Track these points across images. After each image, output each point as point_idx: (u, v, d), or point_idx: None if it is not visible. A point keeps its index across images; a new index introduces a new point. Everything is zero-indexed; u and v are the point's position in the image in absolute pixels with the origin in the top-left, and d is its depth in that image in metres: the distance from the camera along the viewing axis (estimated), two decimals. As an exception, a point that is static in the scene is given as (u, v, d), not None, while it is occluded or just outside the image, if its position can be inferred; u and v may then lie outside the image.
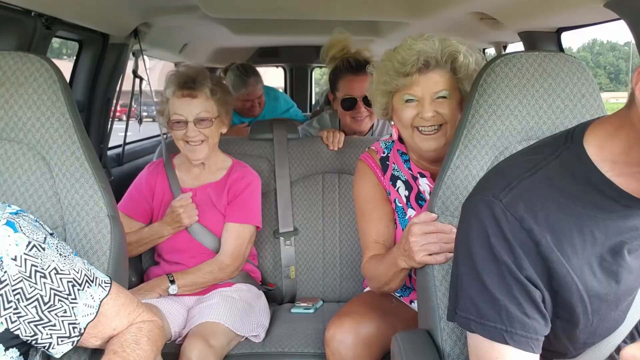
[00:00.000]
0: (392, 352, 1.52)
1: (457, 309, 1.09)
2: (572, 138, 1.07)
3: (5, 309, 1.14)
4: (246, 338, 2.10)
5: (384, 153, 1.92)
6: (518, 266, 1.00)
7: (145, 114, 4.07)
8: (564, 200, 1.03)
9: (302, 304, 2.43)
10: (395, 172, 1.87)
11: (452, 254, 1.33)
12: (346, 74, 2.64)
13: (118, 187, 1.75)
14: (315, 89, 6.83)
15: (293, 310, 2.40)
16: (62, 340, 1.21)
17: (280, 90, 4.92)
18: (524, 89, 1.46)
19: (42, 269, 1.18)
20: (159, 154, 2.62)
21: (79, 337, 1.23)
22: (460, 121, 1.51)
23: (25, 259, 1.16)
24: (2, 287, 1.13)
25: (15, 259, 1.14)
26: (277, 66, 6.41)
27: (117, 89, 3.27)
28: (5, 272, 1.13)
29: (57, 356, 1.23)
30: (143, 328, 1.31)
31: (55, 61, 1.58)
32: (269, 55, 5.72)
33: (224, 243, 2.24)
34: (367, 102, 2.57)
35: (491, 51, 3.65)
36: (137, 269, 2.40)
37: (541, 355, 1.06)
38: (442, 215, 1.48)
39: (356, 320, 1.79)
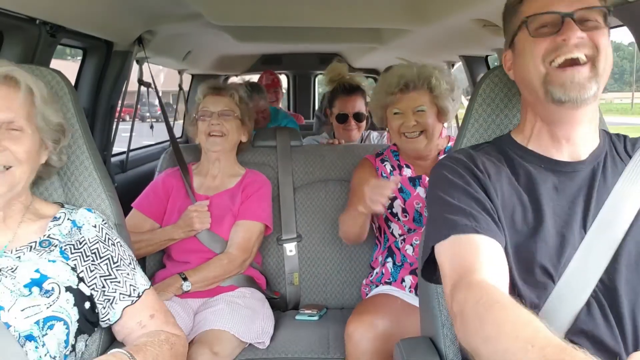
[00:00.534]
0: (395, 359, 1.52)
1: (434, 242, 1.24)
2: (504, 133, 1.45)
3: (85, 261, 1.42)
4: (250, 344, 2.10)
5: (380, 152, 2.43)
6: (472, 188, 1.26)
7: (147, 113, 4.14)
8: (498, 164, 1.32)
9: (306, 311, 2.44)
10: (385, 159, 2.38)
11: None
12: (341, 95, 3.25)
13: (122, 194, 1.77)
14: (318, 90, 6.86)
15: (297, 317, 2.40)
16: (123, 297, 1.45)
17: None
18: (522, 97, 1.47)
19: (112, 238, 1.49)
20: (163, 161, 2.63)
21: (137, 299, 1.46)
22: (461, 129, 1.54)
23: (102, 228, 1.48)
24: (82, 246, 1.43)
25: (95, 227, 1.47)
26: (280, 73, 6.44)
27: (121, 96, 3.29)
28: (83, 236, 1.45)
29: (117, 314, 1.44)
30: (170, 339, 1.43)
31: (60, 62, 1.61)
32: (272, 63, 5.74)
33: (232, 237, 2.30)
34: (356, 117, 3.22)
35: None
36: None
37: None
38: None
39: (374, 317, 1.95)
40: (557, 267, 1.21)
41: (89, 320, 1.42)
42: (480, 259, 1.14)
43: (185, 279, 2.18)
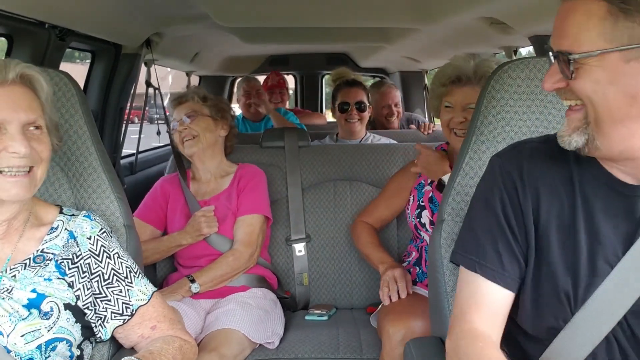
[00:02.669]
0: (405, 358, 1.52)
1: (456, 249, 1.28)
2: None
3: (82, 278, 1.39)
4: (260, 345, 2.10)
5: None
6: (504, 212, 1.18)
7: (156, 116, 4.19)
8: (552, 173, 1.16)
9: (316, 311, 2.43)
10: None
11: None
12: (343, 87, 3.43)
13: (131, 196, 1.78)
14: (325, 90, 6.86)
15: (307, 318, 2.40)
16: (114, 316, 1.41)
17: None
18: (532, 94, 1.46)
19: (109, 250, 1.43)
20: (172, 163, 2.65)
21: (129, 317, 1.42)
22: (469, 127, 1.51)
23: (97, 240, 1.43)
24: (79, 260, 1.40)
25: (90, 239, 1.42)
26: (287, 74, 6.44)
27: (130, 98, 3.31)
28: (79, 248, 1.41)
29: (109, 333, 1.42)
30: (183, 347, 1.42)
31: (68, 65, 1.61)
32: (280, 63, 5.74)
33: (236, 234, 2.30)
34: (358, 107, 3.33)
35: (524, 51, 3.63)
36: (151, 279, 2.41)
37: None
38: (452, 221, 1.48)
39: (412, 319, 1.91)
40: (578, 297, 1.12)
41: (92, 331, 1.41)
42: (472, 306, 1.18)
43: (193, 280, 2.18)
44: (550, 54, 1.04)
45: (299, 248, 2.60)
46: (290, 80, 6.60)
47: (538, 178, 1.17)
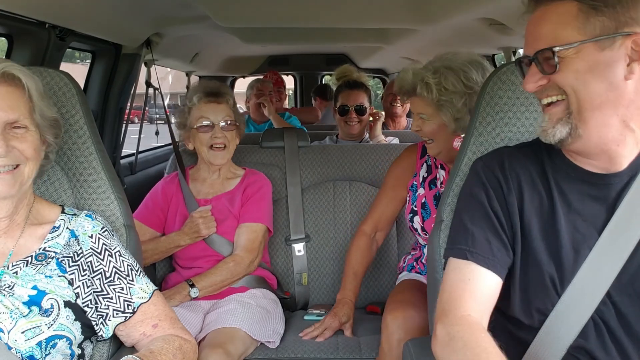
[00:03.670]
0: (404, 359, 1.52)
1: (446, 247, 1.32)
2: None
3: (82, 276, 1.40)
4: (261, 344, 2.11)
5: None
6: (490, 204, 1.25)
7: (156, 116, 4.19)
8: (529, 169, 1.26)
9: (315, 311, 2.44)
10: (427, 158, 2.21)
11: None
12: (344, 90, 3.44)
13: (131, 196, 1.78)
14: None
15: (306, 317, 2.40)
16: (116, 313, 1.42)
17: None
18: (530, 96, 1.46)
19: (110, 248, 1.45)
20: (172, 163, 2.65)
21: (131, 315, 1.43)
22: (468, 128, 1.52)
23: (99, 238, 1.45)
24: (79, 259, 1.41)
25: (91, 237, 1.44)
26: (287, 74, 6.45)
27: (130, 98, 3.31)
28: (80, 247, 1.42)
29: (111, 330, 1.43)
30: (184, 347, 1.43)
31: (68, 65, 1.62)
32: (279, 64, 5.75)
33: (237, 240, 2.29)
34: (357, 110, 3.36)
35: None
36: (151, 278, 2.41)
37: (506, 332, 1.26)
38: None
39: (412, 309, 1.91)
40: (563, 281, 1.19)
41: (92, 330, 1.42)
42: (466, 292, 1.20)
43: (192, 285, 2.18)
44: (524, 62, 1.17)
45: (299, 248, 2.60)
46: (289, 81, 6.61)
47: (519, 173, 1.26)
